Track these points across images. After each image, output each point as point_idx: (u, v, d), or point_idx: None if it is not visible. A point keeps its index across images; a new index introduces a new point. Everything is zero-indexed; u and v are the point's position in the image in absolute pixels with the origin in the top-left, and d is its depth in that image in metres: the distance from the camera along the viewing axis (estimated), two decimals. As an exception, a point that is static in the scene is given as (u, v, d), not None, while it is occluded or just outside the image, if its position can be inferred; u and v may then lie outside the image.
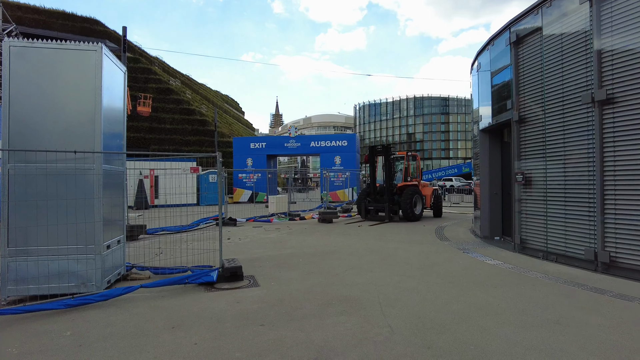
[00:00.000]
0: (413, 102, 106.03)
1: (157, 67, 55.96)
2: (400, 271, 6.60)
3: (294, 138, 27.87)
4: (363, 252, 8.38)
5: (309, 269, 6.85)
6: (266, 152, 27.59)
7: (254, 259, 7.76)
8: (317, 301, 5.01)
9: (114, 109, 6.03)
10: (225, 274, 5.98)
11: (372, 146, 14.93)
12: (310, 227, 12.80)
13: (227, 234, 11.41)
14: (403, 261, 7.39)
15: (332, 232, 11.69)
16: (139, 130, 42.03)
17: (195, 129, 45.53)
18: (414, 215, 14.07)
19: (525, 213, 7.95)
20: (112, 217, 5.87)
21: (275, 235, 11.12)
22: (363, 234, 11.11)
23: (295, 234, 11.24)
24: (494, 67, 9.31)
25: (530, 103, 7.77)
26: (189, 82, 68.76)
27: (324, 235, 11.04)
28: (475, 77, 11.01)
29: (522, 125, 8.02)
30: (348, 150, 26.93)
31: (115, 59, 6.10)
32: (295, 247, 9.02)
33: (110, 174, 5.79)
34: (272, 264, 7.25)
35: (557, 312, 4.49)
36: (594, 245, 6.28)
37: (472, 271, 6.54)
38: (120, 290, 5.14)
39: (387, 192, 14.16)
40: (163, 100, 46.21)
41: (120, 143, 6.47)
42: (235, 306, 4.87)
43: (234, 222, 13.61)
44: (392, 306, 4.77)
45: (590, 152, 6.37)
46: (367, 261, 7.42)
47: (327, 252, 8.35)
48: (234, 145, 28.46)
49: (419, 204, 14.59)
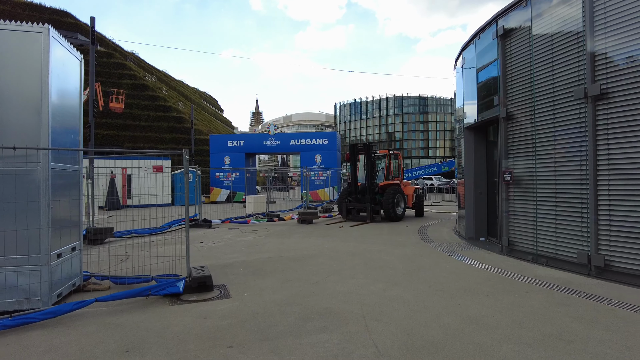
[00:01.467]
0: (393, 101, 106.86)
1: (132, 62, 54.30)
2: (385, 277, 6.15)
3: (274, 136, 27.18)
4: (345, 255, 7.91)
5: (287, 275, 6.34)
6: (244, 151, 26.83)
7: (227, 265, 7.19)
8: (294, 315, 4.50)
9: (67, 101, 5.35)
10: (192, 284, 5.40)
11: (354, 144, 14.49)
12: (290, 229, 12.27)
13: (201, 236, 10.78)
14: (387, 266, 6.95)
15: (312, 233, 11.19)
16: (112, 127, 40.64)
17: (171, 127, 44.28)
18: (396, 215, 13.71)
19: (513, 214, 7.63)
20: (64, 222, 5.21)
21: (252, 237, 10.55)
22: (344, 236, 10.65)
23: (273, 236, 10.69)
24: (479, 62, 8.97)
25: (519, 99, 7.44)
26: (165, 78, 67.11)
27: (303, 237, 10.53)
28: (459, 73, 10.68)
29: (510, 122, 7.69)
30: (329, 149, 26.46)
31: (68, 45, 5.43)
32: (273, 251, 8.48)
33: (62, 174, 5.13)
34: (247, 271, 6.70)
35: (557, 324, 4.10)
36: (587, 248, 5.97)
37: (460, 277, 6.14)
38: (70, 306, 4.51)
39: (369, 191, 13.75)
40: (138, 96, 44.78)
41: (76, 139, 5.78)
42: (202, 323, 4.31)
43: (208, 223, 12.95)
44: (378, 320, 4.31)
45: (582, 150, 6.06)
46: (349, 266, 6.95)
47: (307, 257, 7.84)
48: (210, 143, 27.57)
49: (401, 203, 14.24)
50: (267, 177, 17.13)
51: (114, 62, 46.22)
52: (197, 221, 13.09)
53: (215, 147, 27.23)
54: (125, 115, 42.21)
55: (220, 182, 26.05)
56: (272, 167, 79.34)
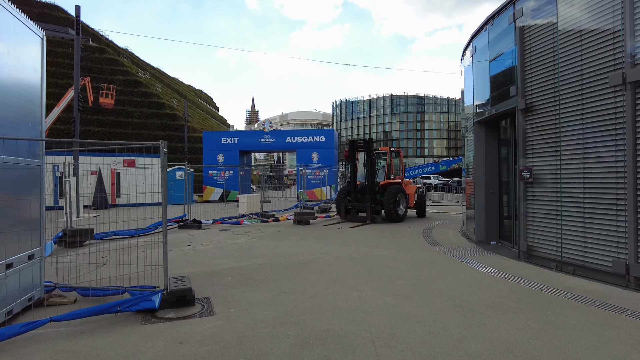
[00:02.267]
0: (390, 101, 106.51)
1: (125, 59, 53.22)
2: (393, 289, 5.39)
3: (269, 133, 26.30)
4: (345, 261, 7.14)
5: (281, 286, 5.56)
6: (239, 148, 25.94)
7: (213, 272, 6.40)
8: (289, 340, 3.72)
9: (21, 83, 4.54)
10: (170, 299, 4.62)
11: (353, 141, 13.69)
12: (285, 230, 11.48)
13: (188, 239, 9.97)
14: (394, 274, 6.19)
15: (309, 235, 10.41)
16: (103, 124, 39.67)
17: (164, 124, 43.32)
18: (397, 216, 12.95)
19: (532, 215, 6.89)
20: (17, 226, 4.41)
21: (244, 240, 9.75)
22: (344, 238, 9.88)
23: (267, 239, 9.90)
24: (493, 50, 8.23)
25: (540, 88, 6.70)
26: (160, 75, 66.04)
27: (299, 240, 9.74)
28: (468, 63, 9.94)
29: (530, 114, 6.95)
30: (326, 147, 25.65)
31: (24, 18, 4.61)
32: (266, 256, 7.70)
33: (13, 169, 4.33)
34: (236, 280, 5.91)
35: (613, 355, 3.35)
36: (624, 256, 5.23)
37: (479, 288, 5.39)
38: (17, 329, 3.71)
39: (369, 190, 12.98)
40: (131, 93, 43.80)
41: (36, 129, 4.97)
42: (177, 350, 3.53)
43: (198, 224, 12.13)
44: (391, 346, 3.54)
45: (618, 143, 5.32)
46: (351, 274, 6.18)
47: (303, 263, 7.07)
48: (203, 141, 26.66)
49: (402, 203, 13.48)
50: (262, 175, 16.30)
51: (106, 58, 45.18)
52: (186, 222, 12.27)
53: (208, 144, 26.34)
54: (118, 112, 41.22)
55: (213, 181, 25.18)
56: (266, 166, 78.44)
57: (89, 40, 46.54)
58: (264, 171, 19.04)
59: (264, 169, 16.74)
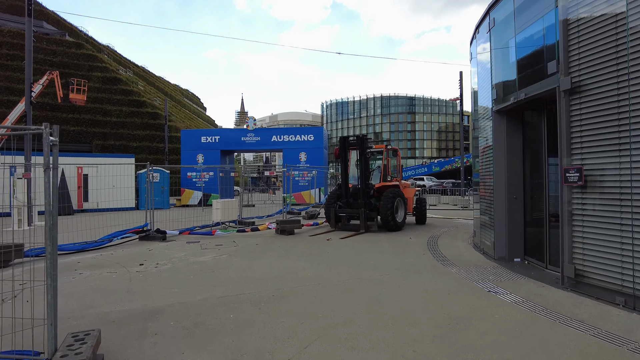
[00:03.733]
0: (380, 101, 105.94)
1: (106, 55, 50.89)
2: (406, 345, 3.65)
3: (253, 131, 24.35)
4: (335, 293, 5.39)
5: (241, 341, 3.78)
6: (220, 147, 23.91)
7: (154, 312, 4.59)
8: None
9: None
10: (45, 384, 2.82)
11: (344, 137, 11.93)
12: (264, 243, 9.69)
13: (145, 255, 8.14)
14: (403, 316, 4.45)
15: (292, 250, 8.64)
16: (79, 123, 37.46)
17: (145, 123, 41.18)
18: (395, 223, 11.25)
19: (582, 229, 5.22)
20: None
21: (211, 257, 7.93)
22: (334, 254, 8.12)
23: (239, 256, 8.10)
24: (521, 19, 6.56)
25: (593, 62, 5.03)
26: (143, 73, 63.74)
27: (279, 257, 7.97)
28: (482, 42, 8.27)
29: (577, 97, 5.27)
30: (315, 146, 23.82)
31: None
32: (232, 283, 5.91)
33: None
34: (179, 327, 4.12)
35: None
36: None
37: (530, 343, 3.68)
38: None
39: (363, 194, 11.26)
40: (110, 90, 41.60)
41: None
42: None
43: (162, 235, 10.27)
44: None
45: None
46: (343, 318, 4.42)
47: (280, 295, 5.29)
48: (182, 139, 24.56)
49: (401, 209, 11.79)
50: (241, 177, 14.47)
51: (83, 54, 42.89)
52: (148, 232, 10.40)
53: (187, 143, 24.29)
54: (95, 110, 38.97)
55: (192, 183, 23.18)
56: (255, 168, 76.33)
57: (66, 34, 44.16)
58: (245, 172, 17.22)
59: (242, 170, 14.91)
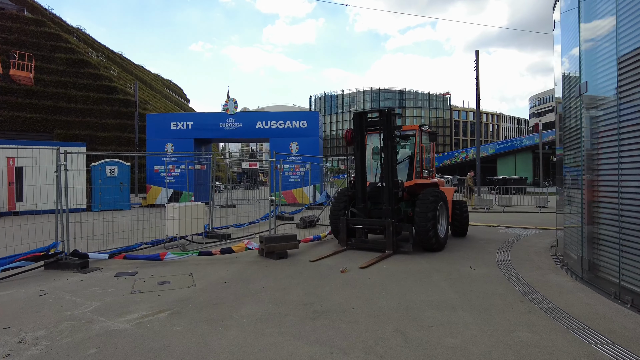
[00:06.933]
0: (370, 95, 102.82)
1: (74, 37, 45.97)
2: None
3: (234, 116, 20.25)
4: None
5: None
6: (193, 136, 19.66)
7: None
8: None
9: None
10: None
11: (360, 113, 8.16)
12: (239, 279, 5.89)
13: (24, 307, 4.23)
14: None
15: (285, 300, 4.87)
16: (38, 110, 32.85)
17: (116, 111, 36.75)
18: (438, 241, 7.55)
19: None
20: None
21: (138, 319, 4.09)
22: (363, 313, 4.38)
23: (189, 315, 4.28)
24: None
25: None
26: (120, 60, 58.69)
27: (263, 319, 4.18)
28: None
29: None
30: (308, 134, 19.90)
31: None
32: None
33: None
34: None
35: None
36: None
37: None
38: None
39: (389, 196, 7.55)
40: (75, 74, 36.96)
41: None
42: None
43: (82, 261, 6.39)
44: None
45: None
46: None
47: None
48: (147, 126, 20.23)
49: (443, 218, 8.10)
50: (212, 170, 10.57)
51: (45, 32, 38.08)
52: (58, 257, 6.49)
53: (153, 130, 20.00)
54: (58, 95, 34.41)
55: (160, 179, 19.09)
56: (236, 161, 71.56)
57: (24, 10, 39.20)
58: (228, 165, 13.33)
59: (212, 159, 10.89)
